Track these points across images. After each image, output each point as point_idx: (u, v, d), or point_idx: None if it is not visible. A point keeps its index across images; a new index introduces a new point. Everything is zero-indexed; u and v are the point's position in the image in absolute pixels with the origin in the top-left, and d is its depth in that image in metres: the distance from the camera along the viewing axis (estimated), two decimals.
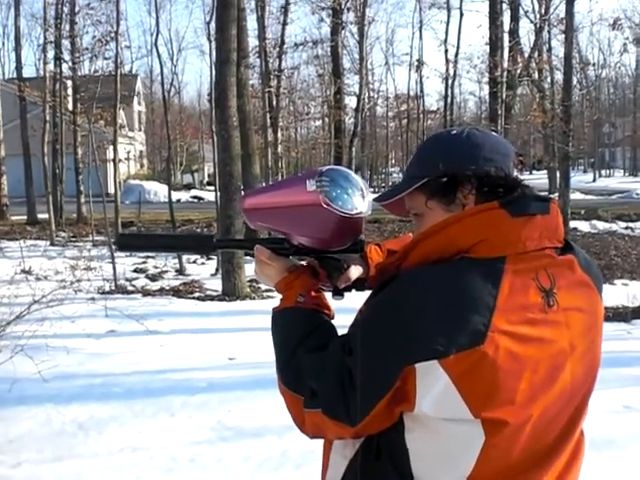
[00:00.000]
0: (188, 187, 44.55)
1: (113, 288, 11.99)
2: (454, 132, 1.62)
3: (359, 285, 1.79)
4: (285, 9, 24.32)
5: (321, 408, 1.50)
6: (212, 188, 19.40)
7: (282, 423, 5.39)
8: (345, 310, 1.98)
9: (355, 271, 1.78)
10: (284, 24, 24.34)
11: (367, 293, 1.62)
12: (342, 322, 1.69)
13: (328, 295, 1.73)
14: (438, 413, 1.41)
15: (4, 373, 5.55)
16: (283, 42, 24.46)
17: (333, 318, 1.69)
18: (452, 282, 1.43)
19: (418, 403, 1.42)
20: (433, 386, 1.39)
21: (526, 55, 23.13)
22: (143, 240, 2.09)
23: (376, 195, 1.71)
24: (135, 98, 49.73)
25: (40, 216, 23.95)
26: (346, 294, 1.75)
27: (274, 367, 1.63)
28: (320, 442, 1.68)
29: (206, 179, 49.93)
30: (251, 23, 24.41)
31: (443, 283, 1.43)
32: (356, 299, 1.72)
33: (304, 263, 1.78)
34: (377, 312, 1.48)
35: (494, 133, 1.66)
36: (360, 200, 1.65)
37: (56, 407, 5.81)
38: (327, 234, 1.68)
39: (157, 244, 2.04)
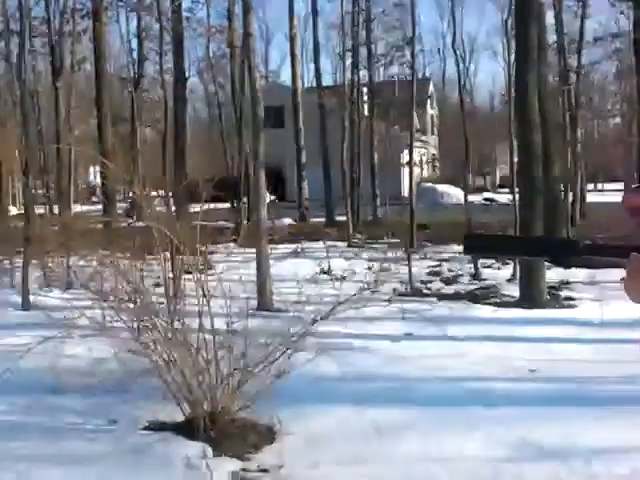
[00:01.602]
0: (480, 190, 44.26)
1: (408, 290, 12.05)
2: None
3: None
4: (584, 3, 23.26)
5: None
6: (505, 190, 18.91)
7: (589, 444, 4.96)
8: None
9: None
10: (582, 18, 23.30)
11: None
12: None
13: None
14: None
15: (307, 371, 5.70)
16: (582, 37, 23.43)
17: None
18: None
19: None
20: None
21: None
22: (493, 242, 1.87)
23: None
24: (428, 101, 50.19)
25: (338, 218, 24.96)
26: None
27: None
28: None
29: (497, 182, 49.30)
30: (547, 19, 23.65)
31: None
32: None
33: None
34: None
35: None
36: None
37: (354, 408, 5.84)
38: None
39: (509, 247, 1.83)
